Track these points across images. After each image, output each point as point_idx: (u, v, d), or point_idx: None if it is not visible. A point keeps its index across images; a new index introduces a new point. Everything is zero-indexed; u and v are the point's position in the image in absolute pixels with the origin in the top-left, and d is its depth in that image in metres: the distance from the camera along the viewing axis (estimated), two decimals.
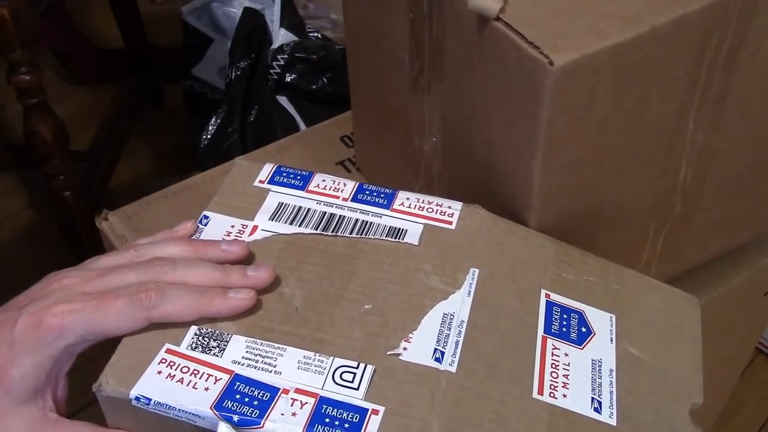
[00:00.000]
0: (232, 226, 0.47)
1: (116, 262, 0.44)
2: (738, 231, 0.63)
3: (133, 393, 0.39)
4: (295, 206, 0.49)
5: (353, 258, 0.46)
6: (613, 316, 0.46)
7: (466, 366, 0.41)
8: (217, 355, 0.41)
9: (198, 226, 0.47)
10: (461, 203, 0.49)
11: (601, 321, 0.46)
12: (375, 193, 0.50)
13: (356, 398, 0.39)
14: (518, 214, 0.49)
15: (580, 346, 0.44)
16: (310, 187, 0.50)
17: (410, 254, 0.46)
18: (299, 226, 0.48)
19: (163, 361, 0.40)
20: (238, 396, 0.39)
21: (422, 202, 0.49)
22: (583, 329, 0.45)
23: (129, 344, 0.41)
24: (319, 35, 1.24)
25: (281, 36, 1.20)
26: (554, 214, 0.49)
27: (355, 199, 0.49)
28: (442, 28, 0.49)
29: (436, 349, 0.42)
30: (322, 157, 0.73)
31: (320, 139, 0.76)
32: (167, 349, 0.40)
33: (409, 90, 0.56)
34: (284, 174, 0.51)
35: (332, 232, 0.47)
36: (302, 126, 1.19)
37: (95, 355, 0.43)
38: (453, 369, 0.41)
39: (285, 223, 0.48)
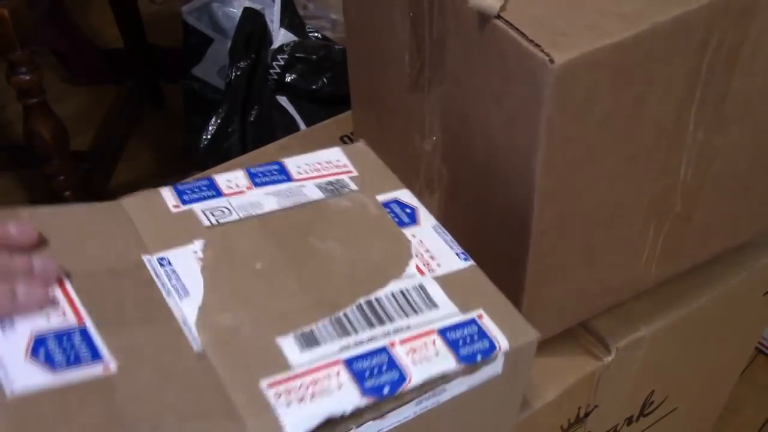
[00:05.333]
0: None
1: None
2: (738, 230, 0.63)
3: None
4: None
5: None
6: None
7: None
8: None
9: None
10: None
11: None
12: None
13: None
14: (518, 212, 0.49)
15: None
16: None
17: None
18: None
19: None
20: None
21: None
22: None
23: None
24: (319, 35, 1.24)
25: (281, 36, 1.20)
26: (554, 212, 0.49)
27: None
28: (443, 26, 0.49)
29: None
30: None
31: (320, 139, 0.76)
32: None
33: (409, 89, 0.56)
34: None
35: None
36: (302, 126, 1.19)
37: None
38: None
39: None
